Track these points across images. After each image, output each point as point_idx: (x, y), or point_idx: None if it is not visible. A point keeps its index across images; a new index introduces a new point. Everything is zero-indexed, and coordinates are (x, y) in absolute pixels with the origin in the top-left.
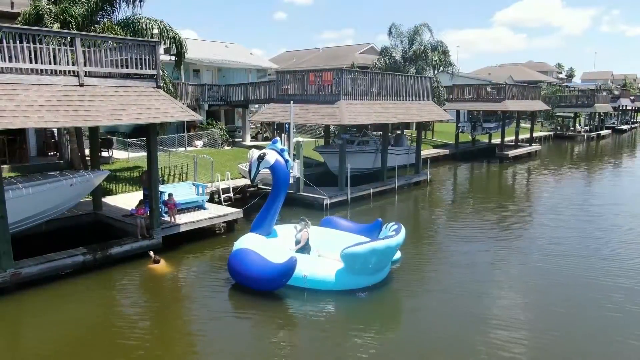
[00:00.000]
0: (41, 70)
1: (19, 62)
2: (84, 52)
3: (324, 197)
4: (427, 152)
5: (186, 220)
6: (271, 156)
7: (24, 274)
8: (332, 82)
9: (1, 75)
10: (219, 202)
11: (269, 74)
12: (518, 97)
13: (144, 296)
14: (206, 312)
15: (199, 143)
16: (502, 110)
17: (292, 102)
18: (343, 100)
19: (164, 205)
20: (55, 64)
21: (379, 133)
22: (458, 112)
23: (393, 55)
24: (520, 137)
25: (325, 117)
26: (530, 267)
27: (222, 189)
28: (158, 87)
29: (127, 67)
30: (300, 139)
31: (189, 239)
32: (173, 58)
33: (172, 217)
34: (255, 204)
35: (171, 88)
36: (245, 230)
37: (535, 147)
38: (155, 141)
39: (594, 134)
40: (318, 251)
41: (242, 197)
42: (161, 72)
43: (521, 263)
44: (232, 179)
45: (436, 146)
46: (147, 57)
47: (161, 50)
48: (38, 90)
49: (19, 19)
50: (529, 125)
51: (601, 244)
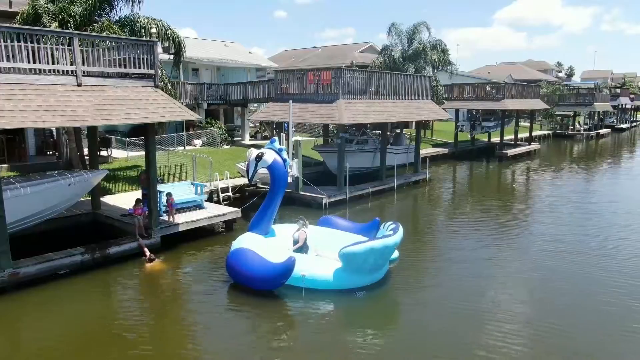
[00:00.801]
0: (39, 70)
1: (16, 61)
2: (82, 51)
3: (323, 196)
4: (427, 151)
5: (185, 220)
6: (269, 156)
7: (23, 274)
8: (331, 81)
9: None
10: (218, 202)
11: (268, 73)
12: (517, 96)
13: (142, 296)
14: (204, 311)
15: (198, 142)
16: (501, 109)
17: (291, 101)
18: (342, 100)
19: (166, 204)
20: (53, 63)
21: (378, 132)
22: (457, 111)
23: (392, 54)
24: (520, 135)
25: (324, 116)
26: (528, 263)
27: (221, 188)
28: (156, 86)
29: (125, 67)
30: (299, 138)
31: (187, 238)
32: (172, 57)
33: (170, 217)
34: (254, 204)
35: (170, 87)
36: (244, 230)
37: (535, 146)
38: (153, 141)
39: (593, 133)
40: (316, 251)
41: (241, 197)
42: (160, 71)
43: (520, 259)
44: (231, 178)
45: (435, 145)
46: (145, 57)
47: (160, 50)
48: (36, 90)
49: (17, 18)
50: (528, 124)
51: (599, 241)
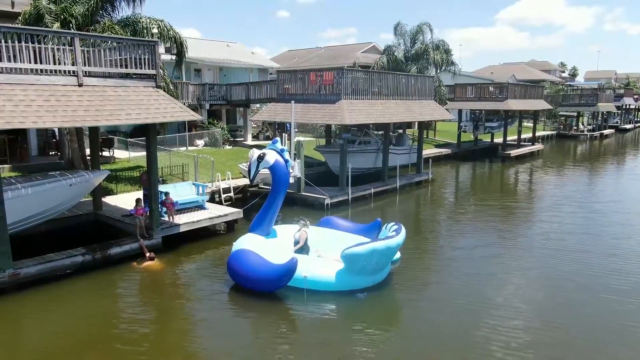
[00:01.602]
0: (40, 70)
1: (17, 62)
2: (83, 51)
3: (325, 196)
4: (429, 151)
5: (186, 220)
6: (271, 156)
7: (23, 275)
8: (333, 82)
9: (0, 75)
10: (220, 202)
11: (271, 74)
12: (520, 96)
13: (143, 296)
14: (206, 312)
15: (200, 143)
16: (504, 109)
17: (293, 101)
18: (344, 100)
19: (162, 205)
20: (54, 63)
21: (381, 132)
22: (460, 111)
23: (395, 54)
24: (523, 136)
25: (326, 116)
26: (531, 261)
27: (222, 188)
28: (158, 86)
29: (126, 67)
30: (301, 138)
31: (189, 239)
32: (174, 57)
33: (170, 217)
34: (256, 204)
35: (172, 87)
36: (245, 230)
37: (538, 146)
38: (154, 141)
39: (597, 133)
40: (317, 251)
41: (243, 197)
42: (161, 71)
43: (523, 258)
44: (232, 178)
45: (438, 145)
46: (147, 57)
47: (162, 50)
48: (37, 90)
49: (20, 18)
50: (532, 125)
51: (602, 241)
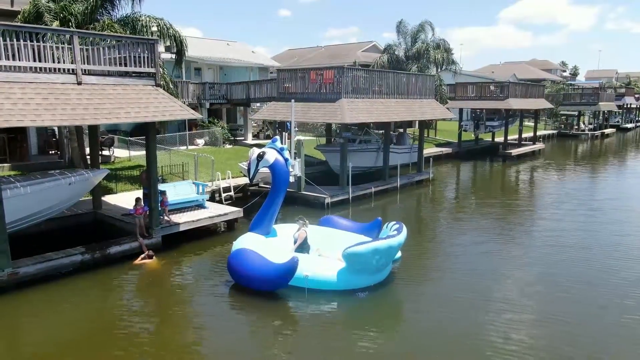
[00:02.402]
0: (39, 68)
1: (16, 60)
2: (82, 50)
3: (325, 196)
4: (430, 150)
5: (186, 220)
6: (270, 155)
7: (22, 274)
8: (334, 80)
9: None
10: (220, 201)
11: (271, 72)
12: (521, 95)
13: (142, 295)
14: (206, 311)
15: (201, 142)
16: (505, 108)
17: (293, 100)
18: (344, 99)
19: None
20: (53, 62)
21: (381, 131)
22: (461, 110)
23: (396, 52)
24: (524, 135)
25: (327, 115)
26: (531, 258)
27: (222, 187)
28: (157, 85)
29: (125, 65)
30: (301, 137)
31: (188, 238)
32: (174, 56)
33: (164, 216)
34: (256, 203)
35: (172, 86)
36: (245, 230)
37: (539, 145)
38: (154, 140)
39: (598, 133)
40: (318, 250)
41: (243, 196)
42: (161, 70)
43: (523, 254)
44: (233, 177)
45: (439, 144)
46: (146, 55)
47: (161, 49)
48: (35, 88)
49: (19, 16)
50: (532, 124)
51: (602, 237)
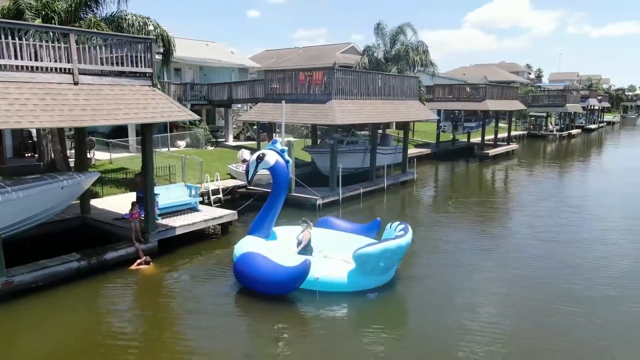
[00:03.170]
0: (35, 67)
1: (10, 59)
2: (78, 49)
3: (317, 197)
4: (410, 151)
5: (181, 223)
6: (271, 157)
7: (17, 282)
8: (323, 82)
9: None
10: (209, 204)
11: (251, 73)
12: (497, 97)
13: (140, 301)
14: (207, 316)
15: (182, 143)
16: (483, 109)
17: (283, 101)
18: (335, 100)
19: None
20: (50, 61)
21: (365, 133)
22: (439, 111)
23: (375, 54)
24: (498, 136)
25: (317, 116)
26: (515, 257)
27: (211, 190)
28: (154, 85)
29: (122, 65)
30: (292, 138)
31: (183, 241)
32: (160, 56)
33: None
34: (250, 205)
35: (159, 87)
36: (239, 232)
37: (513, 146)
38: (150, 141)
39: (565, 133)
40: (322, 252)
41: (231, 198)
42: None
43: (510, 251)
44: (221, 179)
45: (417, 145)
46: (143, 55)
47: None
48: (32, 88)
49: None
50: (507, 125)
51: (576, 232)
